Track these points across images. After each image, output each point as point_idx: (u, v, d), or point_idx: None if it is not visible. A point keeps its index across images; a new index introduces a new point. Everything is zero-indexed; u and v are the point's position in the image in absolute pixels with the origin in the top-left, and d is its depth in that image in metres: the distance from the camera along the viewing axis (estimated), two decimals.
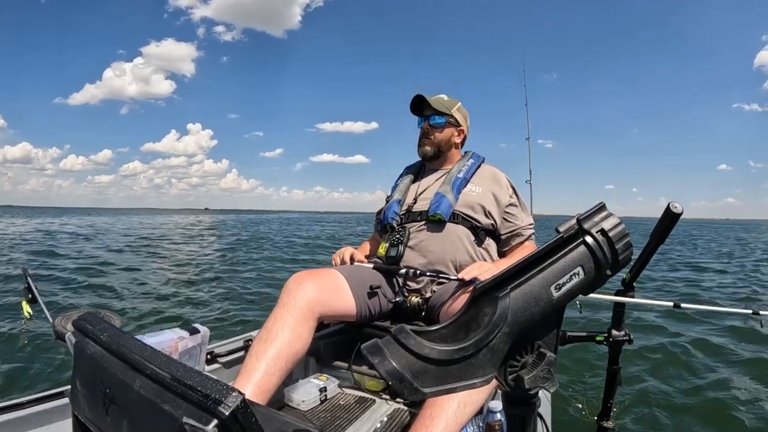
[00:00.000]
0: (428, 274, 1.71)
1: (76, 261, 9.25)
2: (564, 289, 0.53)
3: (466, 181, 1.89)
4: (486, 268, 1.62)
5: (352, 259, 1.89)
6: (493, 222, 1.85)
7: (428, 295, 1.75)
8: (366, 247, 2.16)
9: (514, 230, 1.89)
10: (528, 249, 1.89)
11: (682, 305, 1.88)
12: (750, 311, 1.95)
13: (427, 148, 1.99)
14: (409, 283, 1.78)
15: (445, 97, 2.02)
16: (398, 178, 2.15)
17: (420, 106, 2.01)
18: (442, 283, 1.74)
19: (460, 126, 2.02)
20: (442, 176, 1.96)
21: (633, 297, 1.90)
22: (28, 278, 1.68)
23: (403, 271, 1.74)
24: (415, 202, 1.91)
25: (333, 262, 1.94)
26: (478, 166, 1.97)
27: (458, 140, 2.03)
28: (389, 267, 1.79)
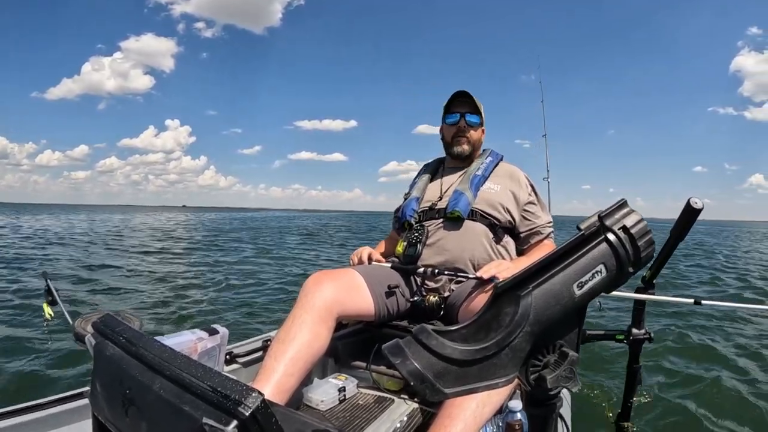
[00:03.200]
0: (446, 272, 1.70)
1: (82, 262, 9.31)
2: (586, 287, 0.52)
3: (484, 178, 1.88)
4: (505, 266, 1.61)
5: (369, 259, 1.89)
6: (511, 220, 1.84)
7: (446, 294, 1.74)
8: (383, 246, 2.16)
9: (533, 228, 1.88)
10: (546, 248, 1.88)
11: (703, 302, 1.85)
12: None
13: (465, 147, 1.98)
14: (427, 282, 1.77)
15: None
16: (416, 176, 2.14)
17: (453, 102, 2.00)
18: (460, 282, 1.73)
19: (483, 126, 2.02)
20: (463, 173, 1.96)
21: (653, 294, 1.88)
22: (48, 281, 1.70)
23: (421, 270, 1.73)
24: (440, 199, 1.91)
25: (351, 261, 1.94)
26: (497, 164, 1.97)
27: (482, 140, 2.03)
28: (407, 266, 1.78)
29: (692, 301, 1.85)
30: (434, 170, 2.10)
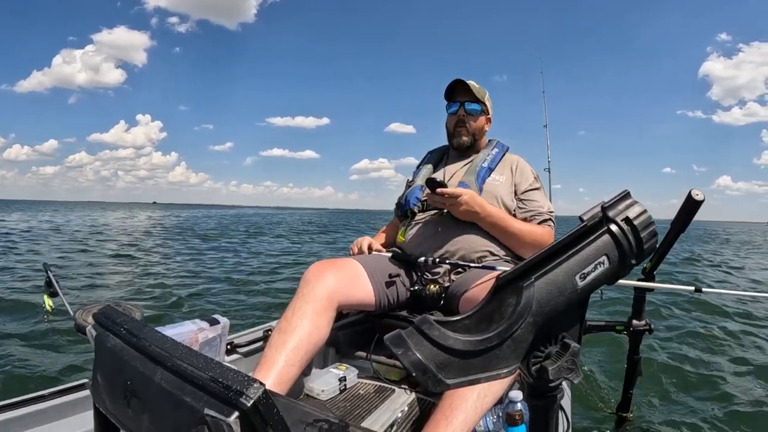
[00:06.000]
0: (447, 262, 1.70)
1: (87, 255, 9.31)
2: (589, 278, 0.51)
3: (490, 170, 1.87)
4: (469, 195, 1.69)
5: (370, 249, 1.88)
6: (513, 212, 1.83)
7: (447, 283, 1.74)
8: (382, 237, 2.15)
9: (532, 214, 1.84)
10: (542, 230, 1.82)
11: (704, 289, 1.85)
12: None
13: (464, 138, 1.96)
14: (427, 271, 1.77)
15: (476, 84, 1.97)
16: (421, 162, 2.13)
17: (454, 90, 1.97)
18: (461, 272, 1.73)
19: (489, 115, 2.00)
20: (468, 163, 1.94)
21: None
22: (49, 272, 1.69)
23: (422, 259, 1.73)
24: None
25: (351, 251, 1.93)
26: (503, 155, 1.95)
27: (488, 129, 2.01)
28: (408, 256, 1.78)
29: (693, 288, 1.84)
30: (438, 158, 2.09)
